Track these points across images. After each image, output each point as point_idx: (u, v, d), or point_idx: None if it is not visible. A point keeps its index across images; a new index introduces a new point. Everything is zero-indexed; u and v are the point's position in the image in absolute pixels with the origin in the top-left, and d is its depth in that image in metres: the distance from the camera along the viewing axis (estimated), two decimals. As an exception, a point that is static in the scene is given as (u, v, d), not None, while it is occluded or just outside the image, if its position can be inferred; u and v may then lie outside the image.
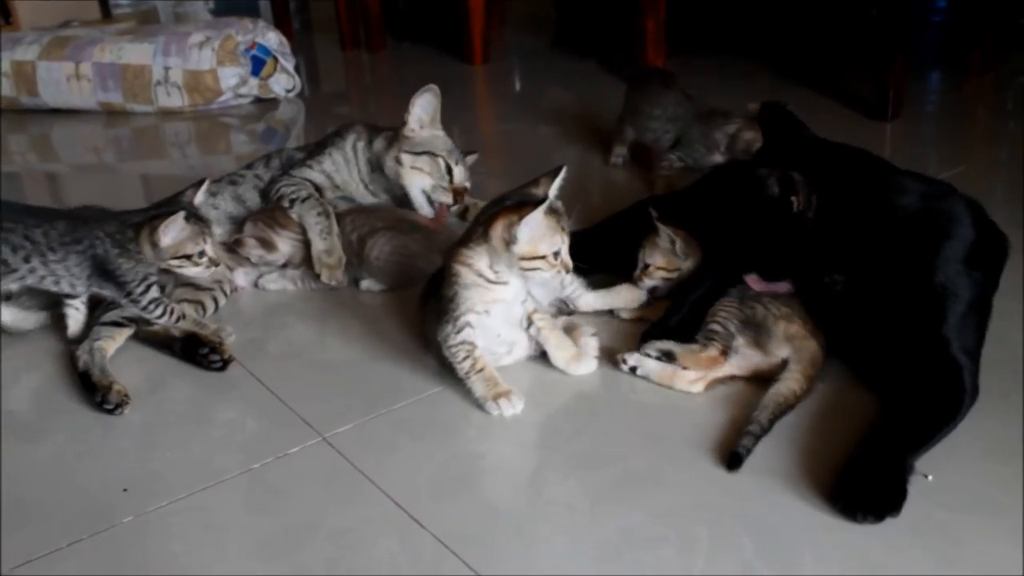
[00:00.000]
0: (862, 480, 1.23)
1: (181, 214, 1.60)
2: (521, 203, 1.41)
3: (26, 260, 1.59)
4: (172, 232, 1.60)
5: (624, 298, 1.69)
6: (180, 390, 1.58)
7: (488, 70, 3.54)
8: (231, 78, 3.11)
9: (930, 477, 1.25)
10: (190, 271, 1.65)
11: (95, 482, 1.36)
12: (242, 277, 1.86)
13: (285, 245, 1.87)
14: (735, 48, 3.52)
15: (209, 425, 1.48)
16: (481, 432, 1.43)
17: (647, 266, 1.70)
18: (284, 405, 1.51)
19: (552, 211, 1.41)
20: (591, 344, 1.56)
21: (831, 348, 1.49)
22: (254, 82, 3.19)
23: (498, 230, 1.40)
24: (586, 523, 1.22)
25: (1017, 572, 1.11)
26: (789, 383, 1.42)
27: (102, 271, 1.59)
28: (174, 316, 1.63)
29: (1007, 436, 1.34)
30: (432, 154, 1.99)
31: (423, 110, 2.02)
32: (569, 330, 1.57)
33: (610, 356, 1.55)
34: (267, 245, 1.84)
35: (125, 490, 1.33)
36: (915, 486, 1.23)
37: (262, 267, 1.88)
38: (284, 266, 1.88)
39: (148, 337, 1.67)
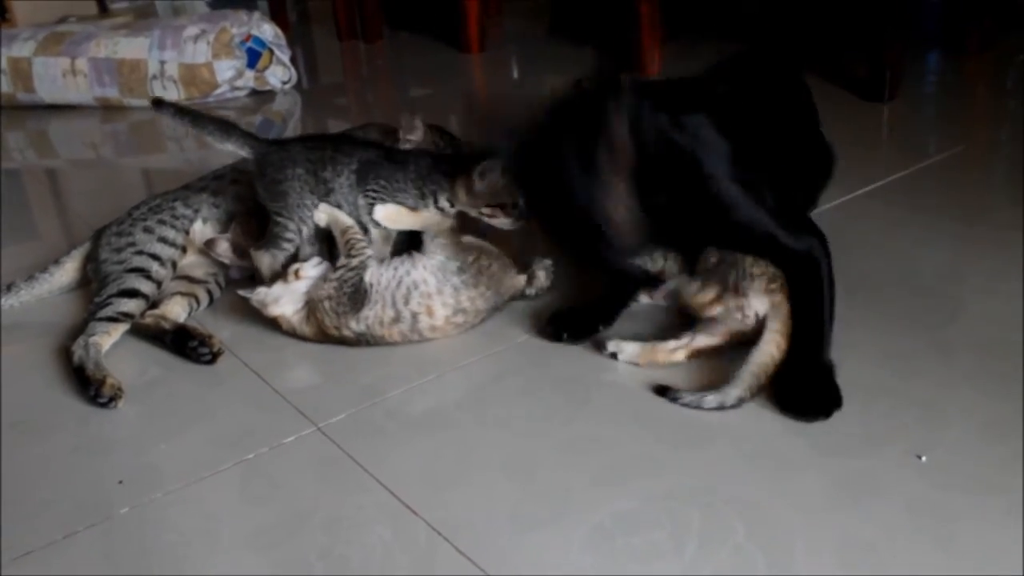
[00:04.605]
0: (799, 389, 1.37)
1: (499, 161, 1.57)
2: None
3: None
4: (490, 179, 1.59)
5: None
6: (175, 382, 1.58)
7: (485, 59, 3.53)
8: (227, 71, 3.10)
9: (924, 458, 1.25)
10: (499, 221, 1.63)
11: (90, 475, 1.36)
12: (236, 271, 1.85)
13: None
14: (732, 32, 3.51)
15: (204, 416, 1.48)
16: (474, 420, 1.43)
17: None
18: (278, 395, 1.51)
19: None
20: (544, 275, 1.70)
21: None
22: (250, 74, 3.18)
23: None
24: (579, 508, 1.22)
25: (1012, 552, 1.11)
26: (770, 346, 1.41)
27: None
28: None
29: (1002, 416, 1.33)
30: None
31: None
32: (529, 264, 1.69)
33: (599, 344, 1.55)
34: (240, 252, 1.76)
35: (120, 482, 1.34)
36: (909, 467, 1.23)
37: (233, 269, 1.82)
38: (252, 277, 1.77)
39: (141, 330, 1.67)
